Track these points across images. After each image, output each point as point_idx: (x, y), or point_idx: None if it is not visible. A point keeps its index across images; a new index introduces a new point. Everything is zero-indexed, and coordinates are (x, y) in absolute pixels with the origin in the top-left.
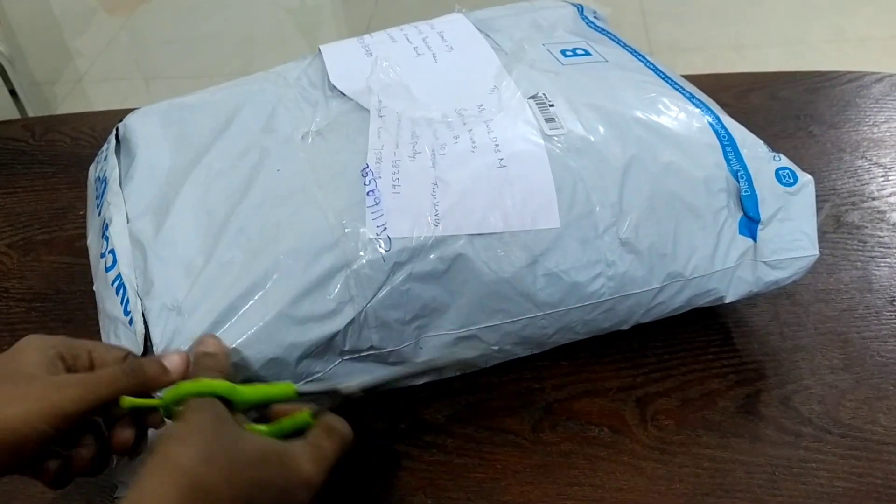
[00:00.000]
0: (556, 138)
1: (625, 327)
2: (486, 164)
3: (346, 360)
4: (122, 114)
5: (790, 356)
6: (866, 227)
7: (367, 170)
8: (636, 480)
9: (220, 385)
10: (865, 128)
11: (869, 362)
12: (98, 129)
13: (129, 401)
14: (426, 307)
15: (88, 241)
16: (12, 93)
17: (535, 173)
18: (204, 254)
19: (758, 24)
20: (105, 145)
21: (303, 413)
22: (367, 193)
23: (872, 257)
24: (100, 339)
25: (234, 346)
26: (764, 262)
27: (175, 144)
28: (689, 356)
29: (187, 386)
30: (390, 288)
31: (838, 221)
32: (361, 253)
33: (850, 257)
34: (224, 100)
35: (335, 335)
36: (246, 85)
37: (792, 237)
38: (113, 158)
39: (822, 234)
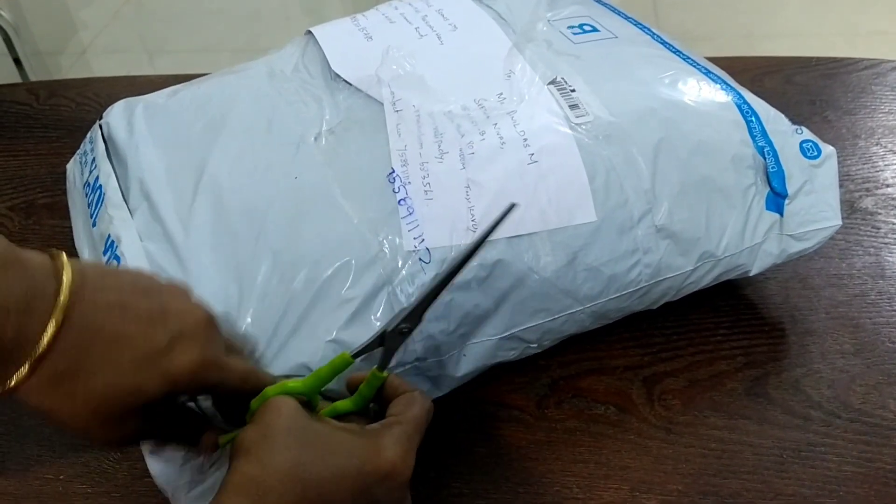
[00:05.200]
0: (582, 126)
1: (653, 307)
2: (517, 160)
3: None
4: (126, 81)
5: (800, 340)
6: (880, 214)
7: (395, 175)
8: (642, 459)
9: (282, 386)
10: (881, 115)
11: (880, 348)
12: (103, 95)
13: (226, 438)
14: (469, 315)
15: (85, 255)
16: (16, 61)
17: (567, 166)
18: (237, 281)
19: (769, 14)
20: (87, 145)
21: (372, 372)
22: (399, 202)
23: (886, 243)
24: None
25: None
26: (789, 235)
27: (169, 148)
28: (698, 337)
29: (265, 394)
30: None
31: (852, 207)
32: (401, 267)
33: (863, 243)
34: (214, 95)
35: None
36: (235, 77)
37: (816, 209)
38: (107, 165)
39: None
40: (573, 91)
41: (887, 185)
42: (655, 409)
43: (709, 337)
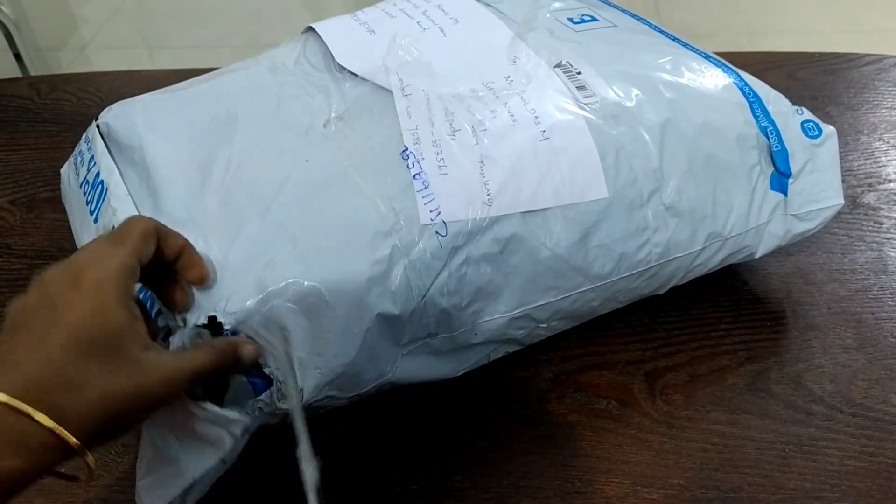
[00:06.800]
0: (590, 106)
1: (661, 291)
2: (529, 137)
3: (405, 354)
4: (127, 76)
5: (802, 335)
6: (882, 209)
7: (408, 152)
8: (643, 454)
9: None
10: (884, 110)
11: (882, 343)
12: (104, 89)
13: None
14: (482, 291)
15: None
16: (17, 57)
17: (578, 144)
18: (243, 253)
19: (771, 11)
20: (83, 145)
21: None
22: (414, 177)
23: (888, 238)
24: None
25: (301, 352)
26: (793, 215)
27: (173, 143)
28: (700, 332)
29: None
30: (448, 274)
31: (854, 202)
32: (418, 240)
33: (865, 238)
34: (216, 92)
35: (393, 326)
36: (234, 75)
37: (819, 188)
38: (109, 161)
39: (838, 215)
40: (579, 73)
41: (889, 181)
42: (657, 403)
43: (710, 332)
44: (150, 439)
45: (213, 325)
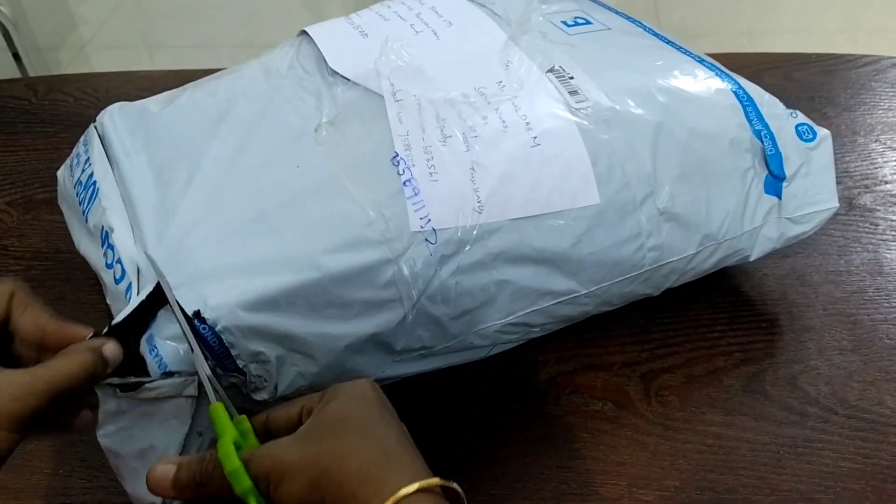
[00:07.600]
0: (582, 111)
1: (655, 294)
2: (520, 143)
3: (397, 361)
4: (125, 76)
5: (798, 336)
6: (878, 210)
7: (398, 158)
8: (639, 455)
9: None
10: (881, 112)
11: (878, 344)
12: (101, 90)
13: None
14: (474, 299)
15: (81, 249)
16: (16, 57)
17: (569, 150)
18: (228, 252)
19: (769, 11)
20: (81, 147)
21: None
22: (404, 183)
23: (884, 240)
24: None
25: (280, 350)
26: (787, 218)
27: (163, 148)
28: (696, 333)
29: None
30: (439, 282)
31: (850, 204)
32: (408, 248)
33: (861, 240)
34: (210, 97)
35: (384, 334)
36: (230, 78)
37: (814, 191)
38: (104, 162)
39: (834, 216)
40: (571, 78)
41: (886, 182)
42: (653, 405)
43: (706, 333)
44: (111, 448)
45: (192, 320)
